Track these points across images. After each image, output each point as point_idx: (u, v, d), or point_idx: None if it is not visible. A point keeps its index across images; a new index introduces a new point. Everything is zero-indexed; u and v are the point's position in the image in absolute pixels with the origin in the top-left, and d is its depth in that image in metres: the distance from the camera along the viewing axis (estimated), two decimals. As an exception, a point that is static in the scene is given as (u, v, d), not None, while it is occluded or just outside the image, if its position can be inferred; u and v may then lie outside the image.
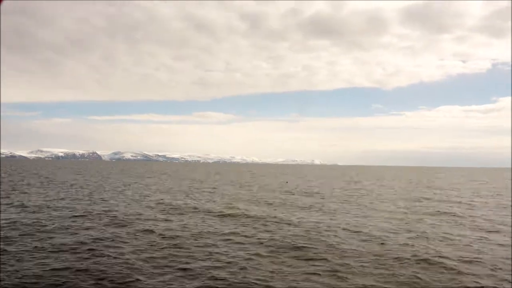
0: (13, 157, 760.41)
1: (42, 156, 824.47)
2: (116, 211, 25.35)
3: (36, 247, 15.30)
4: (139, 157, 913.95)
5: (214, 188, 49.55)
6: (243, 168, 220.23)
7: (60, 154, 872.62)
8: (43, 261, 13.44)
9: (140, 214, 24.18)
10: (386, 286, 11.47)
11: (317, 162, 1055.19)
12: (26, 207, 26.45)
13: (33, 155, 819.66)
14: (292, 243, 16.60)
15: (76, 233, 18.17)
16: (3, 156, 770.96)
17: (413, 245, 16.52)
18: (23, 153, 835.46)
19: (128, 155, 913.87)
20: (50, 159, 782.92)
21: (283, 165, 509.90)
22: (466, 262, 14.18)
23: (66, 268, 12.60)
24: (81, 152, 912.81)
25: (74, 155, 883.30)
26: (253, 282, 11.58)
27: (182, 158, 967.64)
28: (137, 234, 18.18)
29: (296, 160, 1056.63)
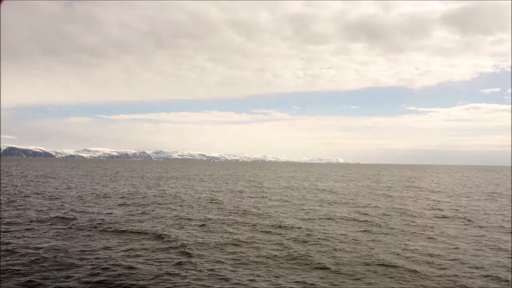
0: (72, 156, 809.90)
1: (95, 156, 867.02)
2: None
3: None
4: (185, 157, 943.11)
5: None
6: (298, 167, 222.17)
7: (114, 153, 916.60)
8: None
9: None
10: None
11: (340, 160, 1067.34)
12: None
13: (87, 155, 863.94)
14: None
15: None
16: (64, 155, 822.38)
17: None
18: (70, 151, 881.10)
19: (175, 155, 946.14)
20: (105, 158, 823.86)
21: (315, 164, 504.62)
22: None
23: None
24: (132, 151, 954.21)
25: (127, 155, 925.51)
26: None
27: (222, 157, 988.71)
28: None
29: (322, 159, 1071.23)
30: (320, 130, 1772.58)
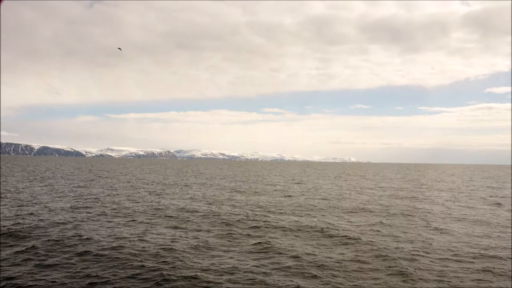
0: (101, 155, 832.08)
1: (120, 155, 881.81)
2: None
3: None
4: (208, 156, 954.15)
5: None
6: (323, 167, 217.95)
7: (141, 153, 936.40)
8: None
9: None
10: None
11: (353, 159, 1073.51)
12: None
13: (114, 154, 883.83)
14: None
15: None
16: (93, 155, 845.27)
17: None
18: (93, 150, 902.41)
19: (198, 154, 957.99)
20: (132, 157, 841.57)
21: (330, 163, 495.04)
22: None
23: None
24: (158, 151, 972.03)
25: (153, 154, 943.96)
26: None
27: (242, 156, 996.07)
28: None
29: (336, 158, 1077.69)
30: (331, 129, 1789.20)
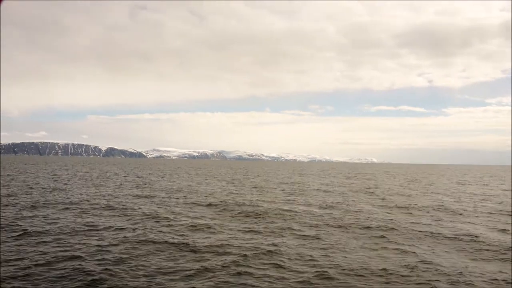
0: (161, 157, 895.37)
1: (176, 156, 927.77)
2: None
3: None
4: (255, 157, 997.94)
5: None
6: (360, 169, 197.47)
7: (195, 154, 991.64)
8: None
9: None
10: None
11: (375, 160, 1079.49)
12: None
13: (172, 155, 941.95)
14: None
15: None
16: (153, 156, 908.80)
17: None
18: (142, 151, 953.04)
19: (245, 155, 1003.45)
20: (186, 158, 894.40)
21: (357, 164, 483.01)
22: None
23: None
24: (210, 151, 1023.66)
25: (206, 155, 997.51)
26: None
27: (281, 157, 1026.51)
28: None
29: (360, 159, 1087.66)
30: (353, 130, 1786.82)
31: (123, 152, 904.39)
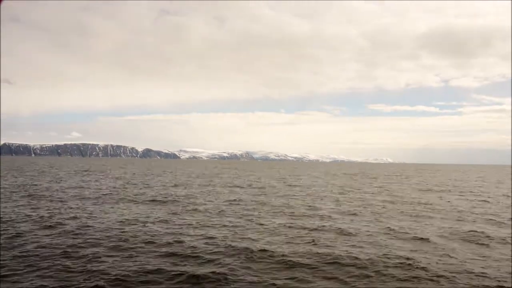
0: (194, 157, 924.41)
1: (208, 157, 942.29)
2: None
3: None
4: (281, 157, 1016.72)
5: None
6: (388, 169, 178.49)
7: (225, 154, 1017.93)
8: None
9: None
10: None
11: (390, 160, 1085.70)
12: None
13: (202, 156, 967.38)
14: None
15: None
16: (187, 156, 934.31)
17: None
18: (175, 152, 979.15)
19: (271, 156, 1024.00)
20: (216, 159, 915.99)
21: (373, 164, 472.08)
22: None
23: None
24: (239, 152, 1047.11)
25: (235, 156, 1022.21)
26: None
27: (304, 157, 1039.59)
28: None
29: (377, 159, 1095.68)
30: (368, 130, 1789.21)
31: (158, 153, 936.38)
